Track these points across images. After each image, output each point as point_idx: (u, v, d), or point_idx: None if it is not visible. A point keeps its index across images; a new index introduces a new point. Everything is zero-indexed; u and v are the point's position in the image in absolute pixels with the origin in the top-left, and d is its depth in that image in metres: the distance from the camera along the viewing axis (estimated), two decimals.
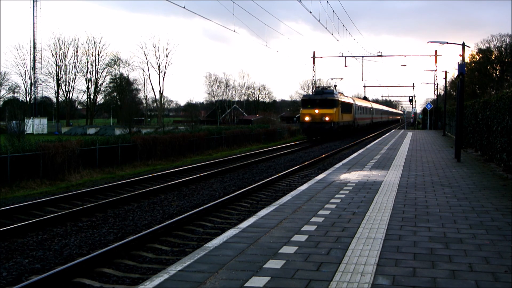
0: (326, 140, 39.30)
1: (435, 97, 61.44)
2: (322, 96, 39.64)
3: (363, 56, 55.34)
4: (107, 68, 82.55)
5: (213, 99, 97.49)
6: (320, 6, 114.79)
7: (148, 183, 16.48)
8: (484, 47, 71.66)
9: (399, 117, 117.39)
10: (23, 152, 17.10)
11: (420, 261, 5.22)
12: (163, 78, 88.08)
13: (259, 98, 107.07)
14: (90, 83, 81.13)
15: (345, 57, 53.35)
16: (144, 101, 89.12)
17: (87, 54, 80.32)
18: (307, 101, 40.25)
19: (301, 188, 10.39)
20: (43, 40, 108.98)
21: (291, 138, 44.82)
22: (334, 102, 39.26)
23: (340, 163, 15.84)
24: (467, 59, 64.90)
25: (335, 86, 48.10)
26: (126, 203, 12.68)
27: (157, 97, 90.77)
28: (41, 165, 17.39)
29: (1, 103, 75.77)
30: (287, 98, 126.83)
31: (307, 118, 39.17)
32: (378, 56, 54.25)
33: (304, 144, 35.95)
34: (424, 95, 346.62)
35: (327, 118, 38.50)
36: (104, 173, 19.86)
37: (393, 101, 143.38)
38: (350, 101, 46.93)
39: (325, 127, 38.59)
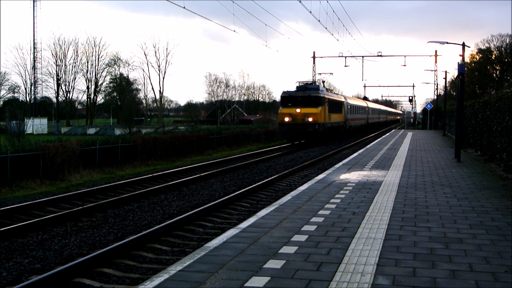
0: (311, 144, 34.13)
1: (435, 97, 61.49)
2: (305, 92, 33.52)
3: (363, 56, 55.31)
4: (107, 68, 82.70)
5: (213, 99, 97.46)
6: (320, 6, 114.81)
7: (148, 183, 16.48)
8: (484, 47, 71.77)
9: (398, 117, 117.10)
10: (23, 152, 17.10)
11: (420, 261, 5.22)
12: (163, 78, 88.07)
13: (259, 98, 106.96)
14: (90, 83, 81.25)
15: (345, 57, 53.32)
16: (144, 101, 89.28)
17: (87, 54, 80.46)
18: (287, 99, 33.88)
19: (301, 188, 10.39)
20: (43, 40, 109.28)
21: None
22: (319, 100, 33.19)
23: (340, 163, 15.84)
24: (467, 59, 64.95)
25: (323, 81, 43.56)
26: (126, 203, 12.68)
27: (157, 97, 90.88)
28: (41, 165, 17.40)
29: (1, 103, 75.82)
30: None
31: (287, 119, 33.09)
32: (378, 56, 54.21)
33: (304, 144, 35.84)
34: (424, 95, 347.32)
35: (310, 119, 32.61)
36: (104, 173, 19.87)
37: (393, 101, 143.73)
38: (341, 99, 40.94)
39: (308, 130, 32.67)
